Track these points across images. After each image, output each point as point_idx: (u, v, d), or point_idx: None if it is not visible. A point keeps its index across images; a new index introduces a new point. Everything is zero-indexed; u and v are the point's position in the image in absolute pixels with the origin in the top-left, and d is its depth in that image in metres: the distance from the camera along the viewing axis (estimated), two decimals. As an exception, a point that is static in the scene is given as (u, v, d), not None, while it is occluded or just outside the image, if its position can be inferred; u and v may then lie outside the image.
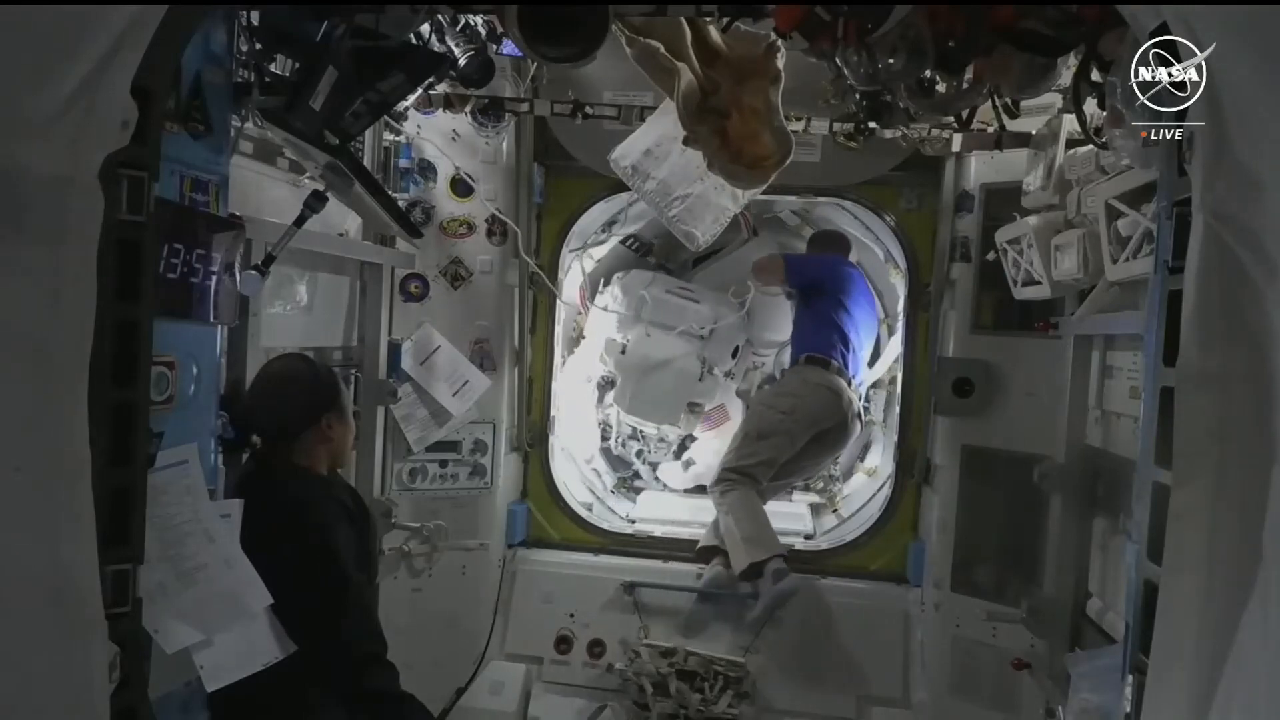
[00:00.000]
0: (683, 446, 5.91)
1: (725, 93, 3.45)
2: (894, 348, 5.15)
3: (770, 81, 3.43)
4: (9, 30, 1.48)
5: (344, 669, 2.71)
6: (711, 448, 5.53)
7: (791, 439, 4.60)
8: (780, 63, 3.40)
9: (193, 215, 2.28)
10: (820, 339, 4.74)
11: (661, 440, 5.87)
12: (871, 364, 5.33)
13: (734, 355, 5.45)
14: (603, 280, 5.61)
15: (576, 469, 5.41)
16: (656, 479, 5.89)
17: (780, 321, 5.49)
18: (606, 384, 5.60)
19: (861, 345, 4.89)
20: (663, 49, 3.27)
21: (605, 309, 5.46)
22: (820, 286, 4.83)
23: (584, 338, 5.64)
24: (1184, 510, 1.66)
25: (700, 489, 5.43)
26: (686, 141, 3.59)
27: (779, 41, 3.27)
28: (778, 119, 3.50)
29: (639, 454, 5.94)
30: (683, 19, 3.28)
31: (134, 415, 1.96)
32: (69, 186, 1.61)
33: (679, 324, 5.33)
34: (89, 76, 1.57)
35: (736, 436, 4.79)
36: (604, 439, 5.90)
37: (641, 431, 5.84)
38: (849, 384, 4.72)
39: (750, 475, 4.51)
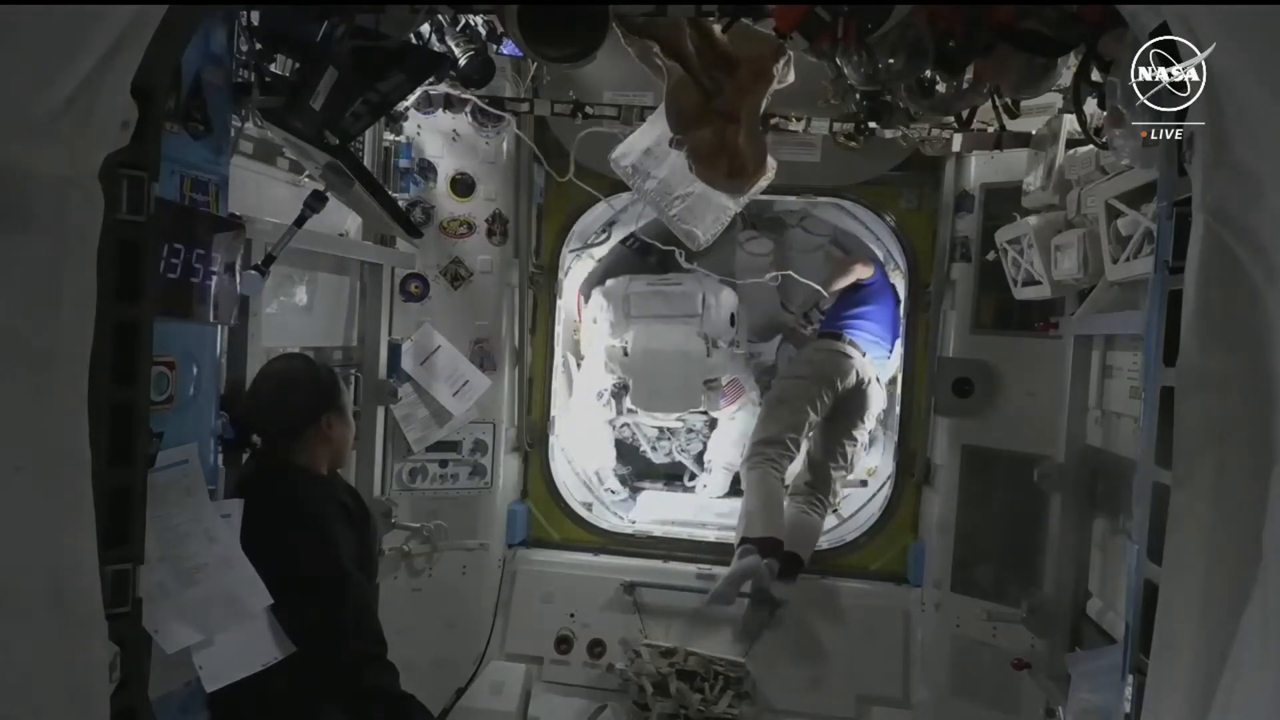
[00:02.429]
0: (706, 438, 5.89)
1: (730, 96, 3.43)
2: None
3: (765, 85, 3.42)
4: (9, 30, 1.47)
5: (344, 669, 2.71)
6: (731, 437, 5.59)
7: (813, 401, 4.73)
8: (779, 67, 3.38)
9: (193, 215, 2.28)
10: (841, 323, 4.99)
11: (690, 430, 5.87)
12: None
13: (733, 323, 5.47)
14: (584, 298, 5.63)
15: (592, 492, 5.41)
16: (704, 471, 5.83)
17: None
18: (621, 390, 5.60)
19: (878, 340, 5.02)
20: (657, 48, 3.26)
21: (594, 321, 5.50)
22: (877, 285, 5.10)
23: (583, 357, 5.66)
24: (1184, 510, 1.66)
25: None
26: (673, 144, 3.58)
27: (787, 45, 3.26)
28: (757, 125, 3.48)
29: (679, 449, 5.92)
30: (686, 21, 3.26)
31: (134, 415, 1.96)
32: (69, 186, 1.61)
33: (668, 311, 5.37)
34: (89, 76, 1.57)
35: (762, 410, 4.97)
36: (623, 460, 5.87)
37: (669, 429, 5.84)
38: (863, 354, 4.87)
39: (780, 443, 4.62)
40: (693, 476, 5.83)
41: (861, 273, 5.12)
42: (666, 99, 3.41)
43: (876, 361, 4.96)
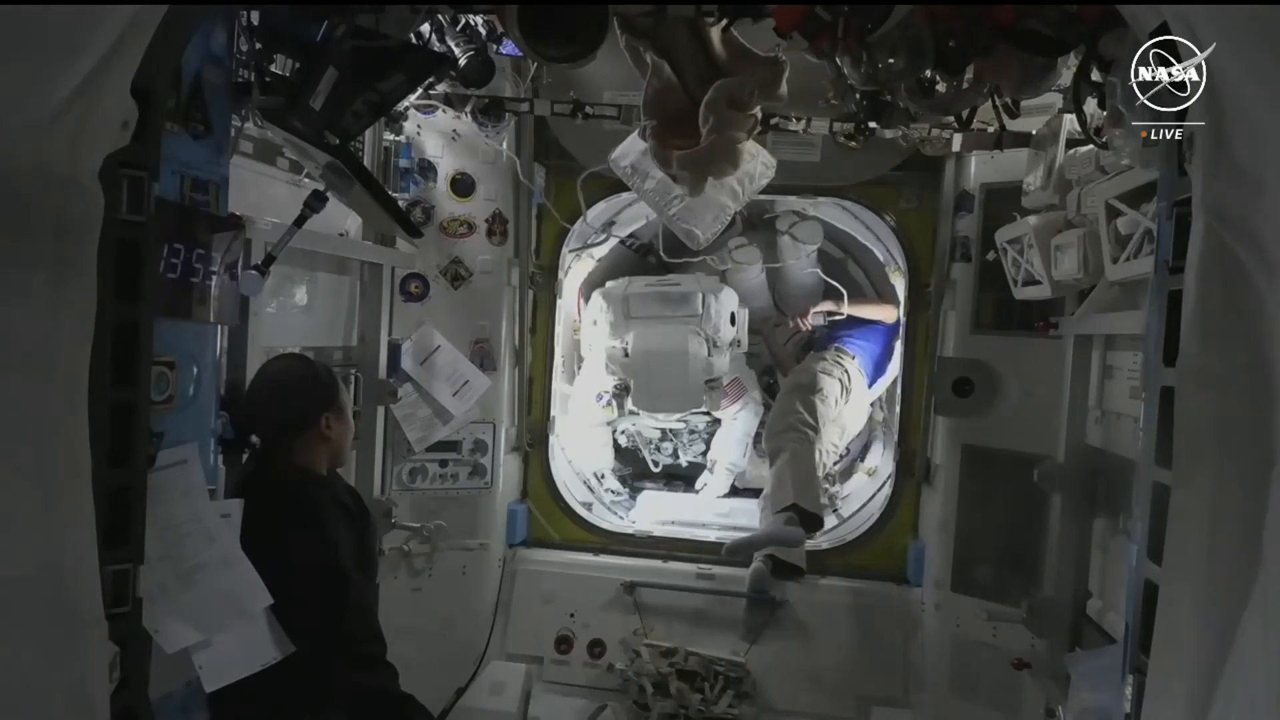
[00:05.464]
0: (709, 438, 5.92)
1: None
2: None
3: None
4: (9, 30, 1.48)
5: (344, 669, 2.71)
6: (734, 436, 5.63)
7: (835, 396, 4.97)
8: (766, 79, 3.35)
9: (193, 215, 2.28)
10: (847, 344, 5.32)
11: (693, 432, 5.87)
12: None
13: (733, 322, 5.48)
14: (583, 300, 5.63)
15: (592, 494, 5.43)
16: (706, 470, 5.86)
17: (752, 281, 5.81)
18: (622, 391, 5.60)
19: (867, 374, 5.28)
20: (651, 46, 3.24)
21: (594, 323, 5.52)
22: (886, 332, 5.41)
23: (583, 359, 5.66)
24: (1184, 510, 1.66)
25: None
26: (641, 133, 3.59)
27: (782, 59, 3.25)
28: (721, 114, 3.46)
29: (675, 451, 5.93)
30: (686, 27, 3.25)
31: (134, 415, 1.96)
32: (69, 186, 1.61)
33: (668, 311, 5.38)
34: (89, 76, 1.57)
35: (782, 398, 5.16)
36: (622, 461, 5.88)
37: (671, 430, 5.84)
38: (860, 377, 5.18)
39: (809, 425, 4.80)
40: (702, 472, 5.84)
41: (886, 315, 5.31)
42: (646, 89, 3.40)
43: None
